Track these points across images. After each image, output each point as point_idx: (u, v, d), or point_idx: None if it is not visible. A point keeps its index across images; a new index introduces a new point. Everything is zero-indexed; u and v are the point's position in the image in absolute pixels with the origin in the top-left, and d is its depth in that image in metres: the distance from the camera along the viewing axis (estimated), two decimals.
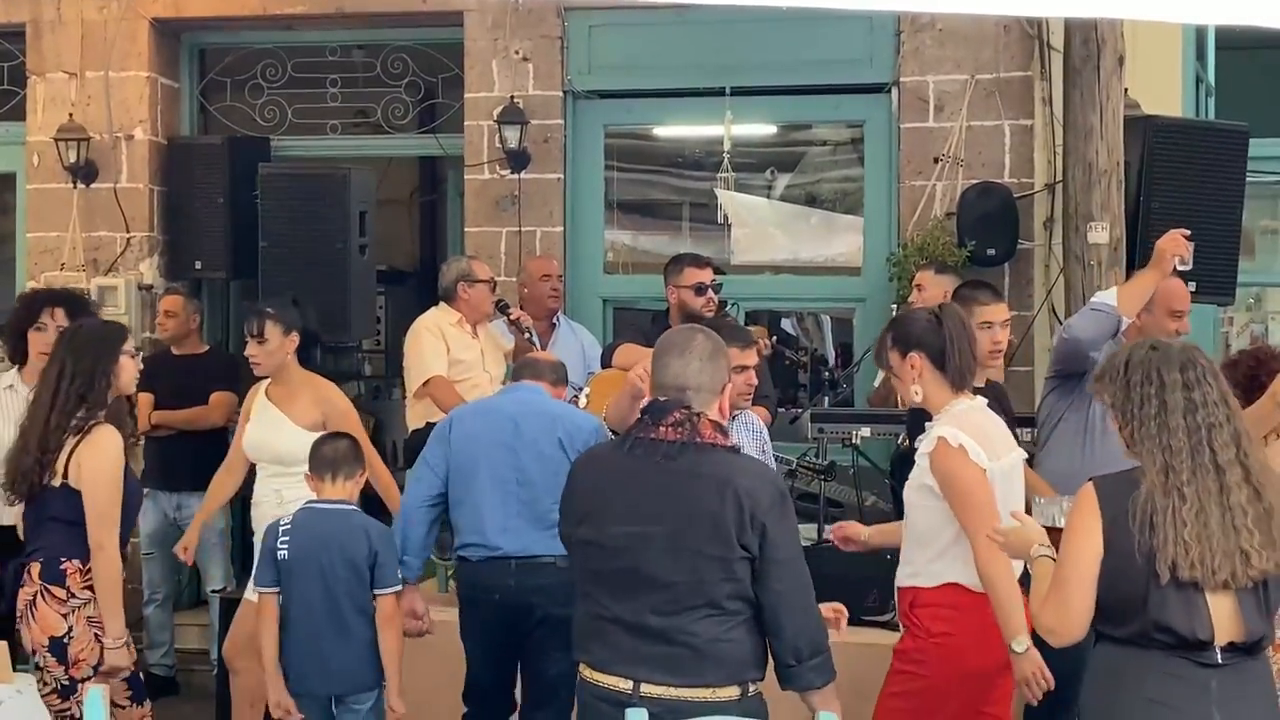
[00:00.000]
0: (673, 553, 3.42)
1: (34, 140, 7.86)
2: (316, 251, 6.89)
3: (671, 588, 3.42)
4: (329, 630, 4.63)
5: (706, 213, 7.88)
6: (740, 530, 3.39)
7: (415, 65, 7.94)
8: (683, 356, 3.55)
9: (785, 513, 3.48)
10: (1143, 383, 3.28)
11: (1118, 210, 6.30)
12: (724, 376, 3.59)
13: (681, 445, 3.45)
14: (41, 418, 4.57)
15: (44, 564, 4.52)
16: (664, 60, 7.44)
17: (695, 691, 3.42)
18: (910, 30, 7.16)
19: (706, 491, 3.42)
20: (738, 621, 3.45)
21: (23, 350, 5.66)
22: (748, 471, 3.51)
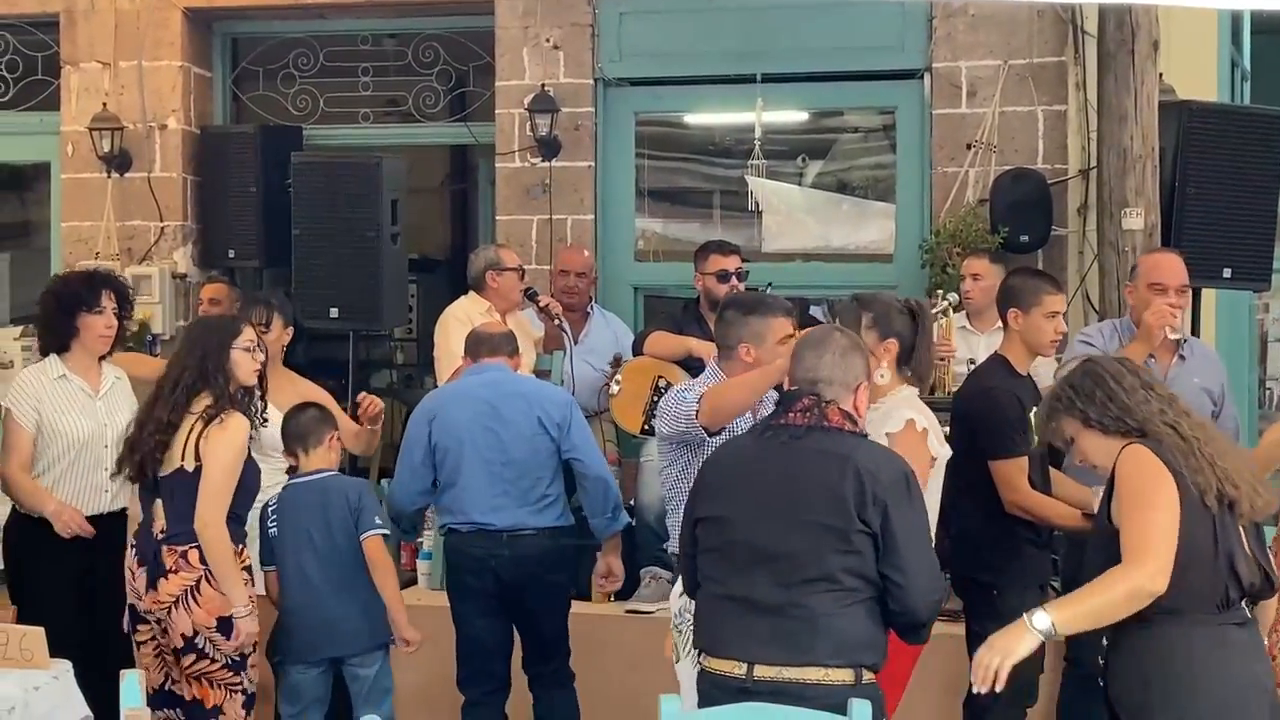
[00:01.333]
0: (791, 525, 3.49)
1: (68, 130, 7.91)
2: (348, 240, 6.91)
3: (789, 559, 3.48)
4: (329, 595, 4.88)
5: (737, 200, 7.86)
6: (860, 505, 3.45)
7: (446, 53, 7.95)
8: (817, 350, 3.71)
9: (910, 494, 3.53)
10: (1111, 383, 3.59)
11: (1152, 196, 6.27)
12: (859, 374, 3.70)
13: (808, 429, 3.59)
14: (148, 407, 4.74)
15: (201, 550, 4.60)
16: (695, 47, 7.42)
17: (806, 671, 3.43)
18: (943, 15, 7.13)
19: (827, 467, 3.51)
20: (855, 600, 3.47)
21: (65, 335, 5.28)
22: (871, 451, 3.59)
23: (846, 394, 3.67)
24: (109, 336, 5.30)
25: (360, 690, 4.95)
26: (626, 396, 6.23)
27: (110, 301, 5.28)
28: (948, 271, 6.72)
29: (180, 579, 4.60)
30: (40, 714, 3.95)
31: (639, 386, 6.22)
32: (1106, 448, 3.59)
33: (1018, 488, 4.66)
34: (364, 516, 4.93)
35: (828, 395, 3.64)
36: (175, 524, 4.65)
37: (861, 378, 3.71)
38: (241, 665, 4.65)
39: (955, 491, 4.89)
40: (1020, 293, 4.84)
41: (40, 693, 3.97)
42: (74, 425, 5.20)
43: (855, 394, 3.69)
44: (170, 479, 4.66)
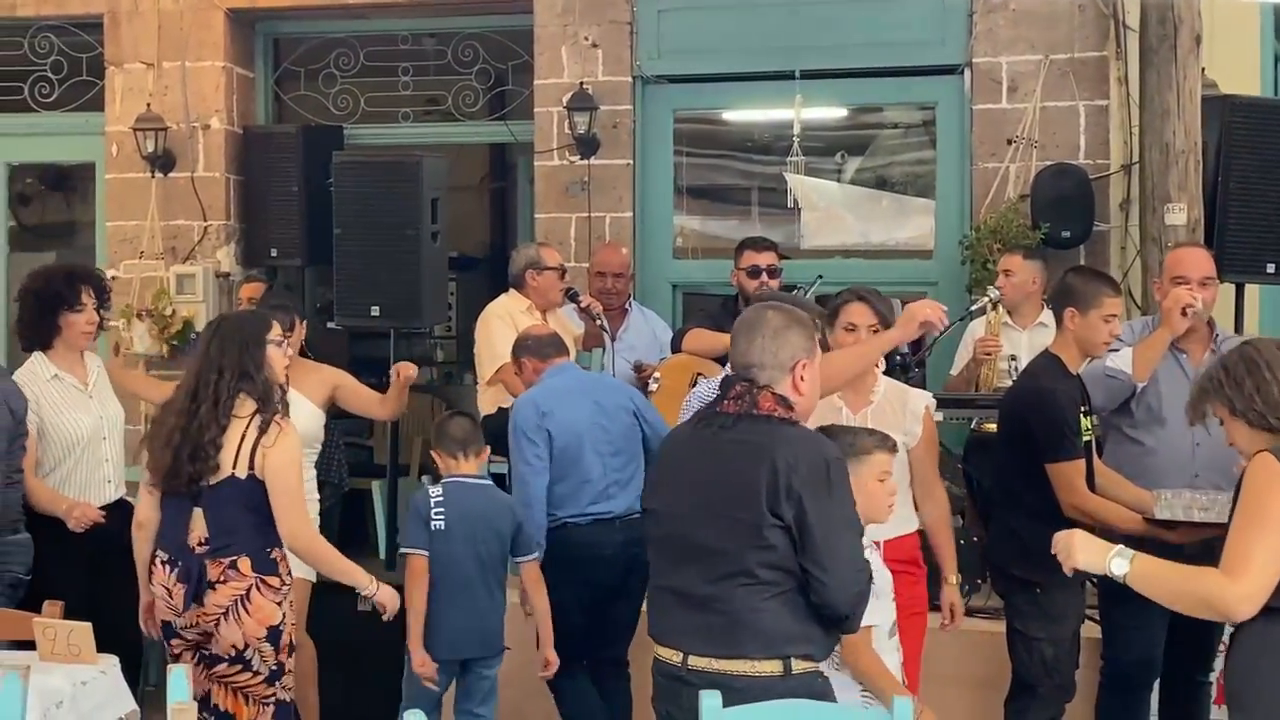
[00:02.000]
0: (712, 519, 3.44)
1: (113, 130, 7.99)
2: (389, 238, 6.93)
3: (711, 554, 3.44)
4: (483, 596, 4.99)
5: (776, 197, 7.86)
6: (773, 497, 3.36)
7: (485, 52, 7.98)
8: (748, 335, 3.59)
9: (830, 484, 3.41)
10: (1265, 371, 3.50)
11: (1195, 191, 6.23)
12: (795, 353, 3.54)
13: (737, 417, 3.49)
14: (186, 408, 4.39)
15: (254, 558, 4.39)
16: (733, 44, 7.42)
17: (735, 664, 3.41)
18: (983, 10, 7.10)
19: (747, 459, 3.42)
20: (776, 593, 3.41)
21: (48, 334, 5.32)
22: (793, 440, 3.45)
23: (782, 376, 3.53)
24: (90, 332, 5.38)
25: (482, 689, 5.10)
26: (666, 393, 6.23)
27: (90, 298, 5.35)
28: (988, 268, 6.69)
29: (229, 589, 4.37)
30: (88, 708, 4.00)
31: (678, 383, 6.22)
32: (1252, 439, 3.51)
33: (1076, 489, 4.63)
34: (525, 539, 5.09)
35: (761, 380, 3.51)
36: (221, 535, 4.39)
37: (800, 356, 3.54)
38: (279, 675, 4.48)
39: (1001, 490, 4.89)
40: (1079, 293, 4.78)
41: (88, 687, 4.02)
42: (74, 423, 5.26)
43: (793, 374, 3.54)
44: (217, 488, 4.38)
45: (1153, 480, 4.86)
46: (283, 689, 4.49)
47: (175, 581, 4.38)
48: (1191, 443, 4.87)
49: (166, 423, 4.43)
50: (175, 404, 4.46)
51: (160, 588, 4.43)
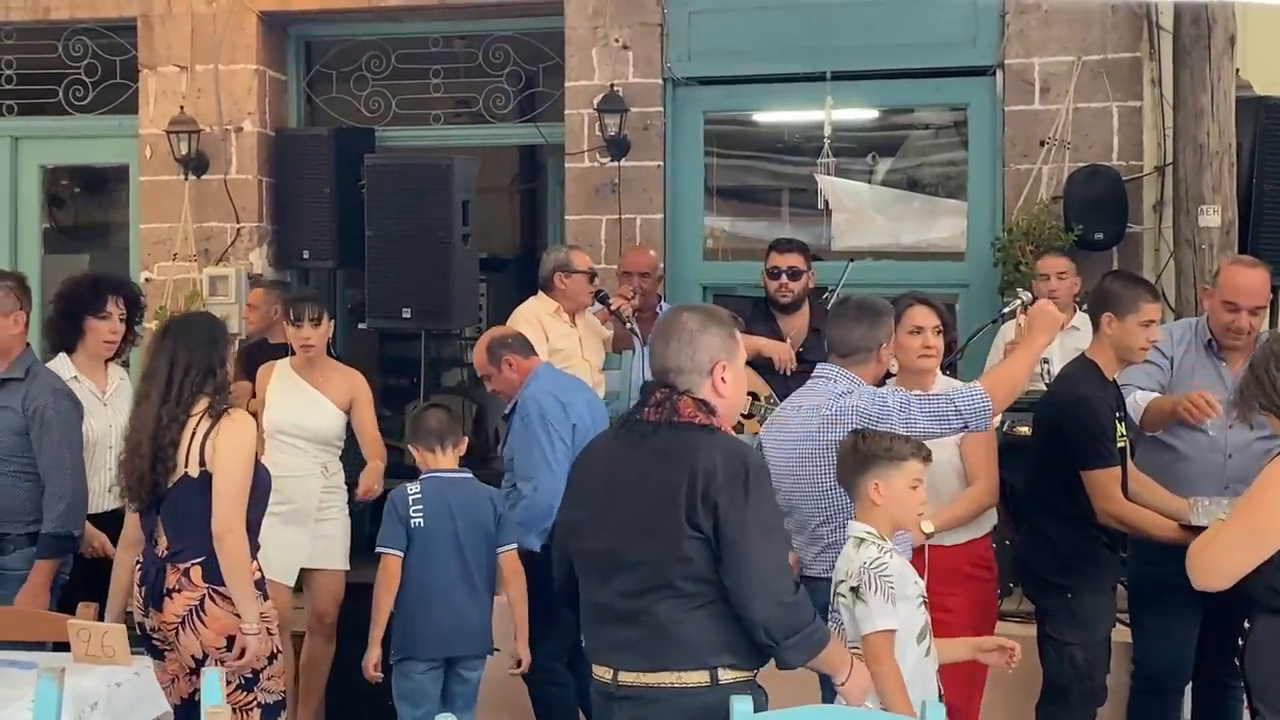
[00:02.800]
0: (634, 533, 3.36)
1: (146, 133, 8.04)
2: (420, 240, 6.96)
3: (635, 569, 3.36)
4: (465, 594, 4.92)
5: (807, 198, 7.84)
6: (690, 508, 3.28)
7: (516, 54, 7.99)
8: (664, 339, 3.50)
9: (747, 491, 3.30)
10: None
11: (1229, 192, 6.20)
12: (714, 354, 3.44)
13: (657, 425, 3.40)
14: (152, 415, 4.31)
15: (204, 566, 4.30)
16: (764, 45, 7.41)
17: (661, 677, 3.33)
18: (1015, 11, 7.08)
19: (667, 469, 3.34)
20: (700, 604, 3.33)
21: (71, 337, 5.35)
22: (712, 448, 3.34)
23: (701, 379, 3.42)
24: (113, 342, 5.36)
25: (464, 692, 5.01)
26: None
27: (117, 308, 5.33)
28: (1020, 270, 6.67)
29: (184, 599, 4.30)
30: (122, 710, 4.01)
31: None
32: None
33: (1112, 497, 4.59)
34: (507, 527, 5.02)
35: (681, 385, 3.42)
36: (179, 539, 4.32)
37: (719, 357, 3.44)
38: (254, 682, 4.38)
39: (1033, 494, 4.86)
40: (1118, 298, 4.69)
41: (122, 689, 4.02)
42: (88, 425, 5.19)
43: (712, 376, 3.43)
44: (172, 491, 4.30)
45: (1184, 486, 4.81)
46: (263, 692, 4.41)
47: (138, 586, 4.40)
48: (1224, 451, 4.83)
49: (136, 437, 4.35)
50: (142, 418, 4.36)
51: (136, 591, 4.43)
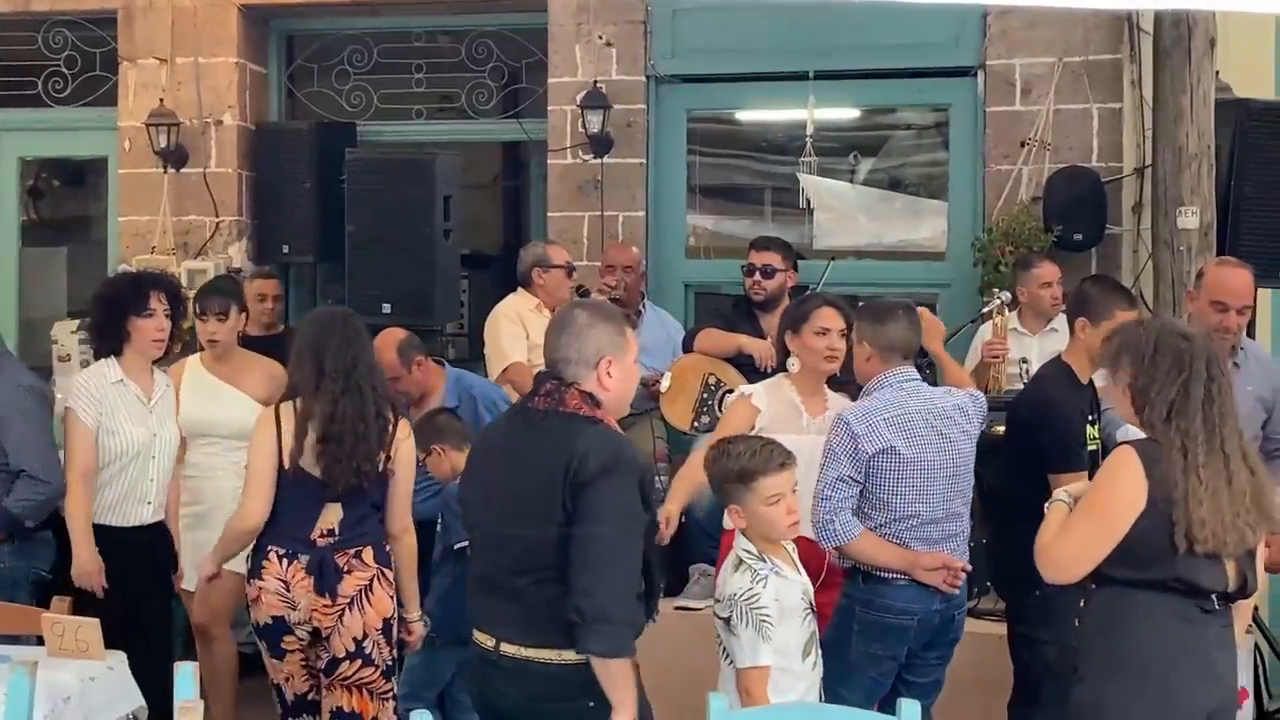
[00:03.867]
0: (515, 515, 3.52)
1: (125, 125, 8.01)
2: (402, 236, 6.95)
3: (515, 549, 3.52)
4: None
5: (789, 197, 7.84)
6: (564, 495, 3.43)
7: (499, 50, 7.99)
8: (555, 331, 3.65)
9: (610, 480, 3.43)
10: (1170, 370, 3.57)
11: (1208, 194, 6.20)
12: (600, 349, 3.58)
13: (544, 414, 3.56)
14: (359, 414, 4.49)
15: (375, 548, 4.56)
16: (747, 44, 7.42)
17: (541, 652, 3.48)
18: (997, 12, 7.09)
19: (547, 456, 3.48)
20: None
21: (116, 340, 5.11)
22: (587, 438, 3.48)
23: (588, 372, 3.57)
24: (161, 340, 5.12)
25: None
26: (677, 393, 6.23)
27: (160, 303, 5.09)
28: (1000, 270, 6.68)
29: (355, 579, 4.50)
30: (96, 704, 4.01)
31: (690, 383, 6.22)
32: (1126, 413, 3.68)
33: None
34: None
35: (569, 376, 3.58)
36: (350, 528, 4.54)
37: (605, 352, 3.58)
38: (394, 670, 4.62)
39: (1004, 492, 4.88)
40: (1094, 304, 4.76)
41: (96, 683, 4.02)
42: (129, 433, 5.05)
43: (598, 370, 3.57)
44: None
45: None
46: (396, 684, 4.65)
47: (303, 574, 4.47)
48: None
49: (354, 428, 4.48)
50: (354, 409, 4.49)
51: (275, 580, 4.50)
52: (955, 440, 4.47)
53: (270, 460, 4.52)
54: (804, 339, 4.84)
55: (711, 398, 6.18)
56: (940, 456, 4.44)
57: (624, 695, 3.43)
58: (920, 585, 4.40)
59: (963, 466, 4.49)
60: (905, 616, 4.42)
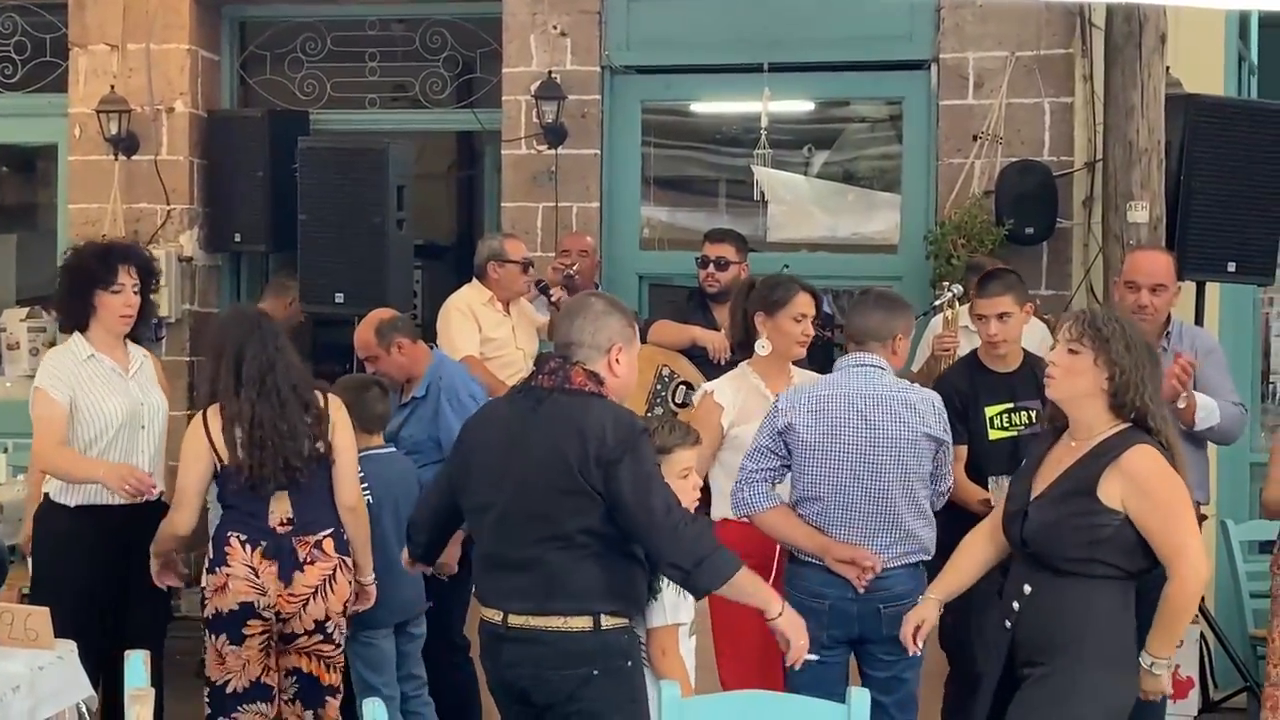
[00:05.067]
0: (529, 488, 3.64)
1: (76, 112, 7.92)
2: (355, 225, 6.91)
3: (529, 522, 3.65)
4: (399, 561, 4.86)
5: (743, 189, 7.87)
6: (584, 468, 3.56)
7: (453, 39, 7.96)
8: (569, 315, 3.82)
9: (637, 451, 3.61)
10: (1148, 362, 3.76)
11: (1158, 189, 6.27)
12: (612, 337, 3.74)
13: (551, 391, 3.69)
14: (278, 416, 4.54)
15: (335, 537, 4.64)
16: (702, 36, 7.43)
17: (549, 620, 3.63)
18: (950, 6, 7.13)
19: (560, 431, 3.62)
20: (588, 554, 3.62)
21: (82, 315, 4.92)
22: (602, 413, 3.64)
23: (598, 355, 3.72)
24: (130, 316, 4.94)
25: (414, 650, 5.28)
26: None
27: (130, 278, 4.91)
28: (952, 263, 6.72)
29: (319, 570, 4.59)
30: (46, 693, 3.97)
31: (643, 375, 6.21)
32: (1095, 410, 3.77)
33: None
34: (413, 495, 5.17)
35: (576, 357, 3.72)
36: (305, 513, 4.61)
37: (616, 340, 3.74)
38: (344, 643, 4.78)
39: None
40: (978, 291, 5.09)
41: (45, 672, 3.99)
42: (109, 406, 4.86)
43: (609, 355, 3.73)
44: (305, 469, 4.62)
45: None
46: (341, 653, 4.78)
47: (262, 560, 4.53)
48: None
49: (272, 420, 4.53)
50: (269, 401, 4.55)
51: (242, 566, 4.53)
52: (881, 427, 4.39)
53: (201, 471, 4.59)
54: (779, 323, 4.89)
55: (665, 389, 6.20)
56: (857, 441, 4.39)
57: (764, 595, 3.73)
58: (832, 571, 4.40)
59: (889, 457, 4.39)
60: (816, 600, 4.41)
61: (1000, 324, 5.00)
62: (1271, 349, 7.65)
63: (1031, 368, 5.01)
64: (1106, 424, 3.79)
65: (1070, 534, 3.75)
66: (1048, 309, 6.82)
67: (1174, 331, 5.27)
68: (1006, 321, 5.00)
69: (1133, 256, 5.46)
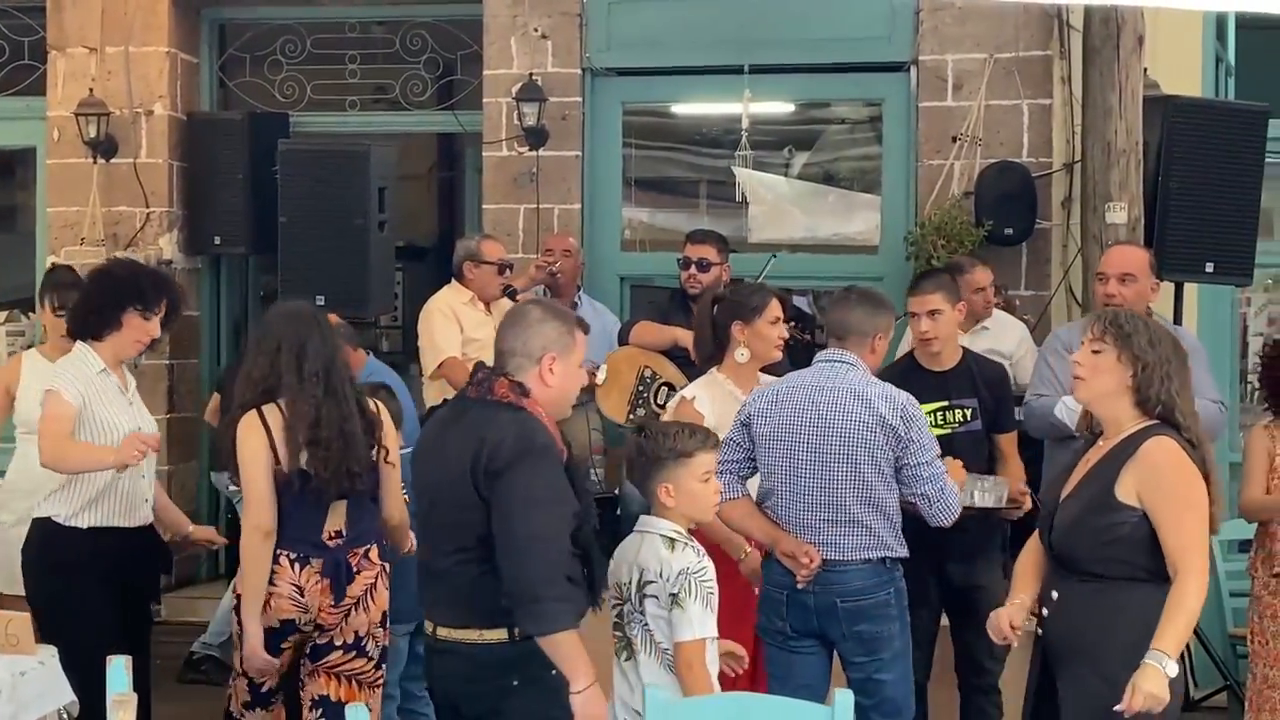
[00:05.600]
0: (441, 499, 3.65)
1: (54, 115, 7.89)
2: (336, 227, 6.91)
3: (443, 531, 3.66)
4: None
5: (724, 190, 7.89)
6: (476, 477, 3.53)
7: (434, 41, 7.96)
8: (505, 324, 3.79)
9: (524, 466, 3.51)
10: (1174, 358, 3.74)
11: (1136, 190, 6.29)
12: (545, 345, 3.68)
13: (473, 401, 3.69)
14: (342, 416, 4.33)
15: (379, 545, 4.50)
16: (683, 38, 7.44)
17: (466, 633, 3.60)
18: (929, 8, 7.16)
19: (468, 439, 3.59)
20: (494, 566, 3.54)
21: (102, 326, 4.77)
22: (503, 424, 3.58)
23: (529, 365, 3.67)
24: (145, 343, 4.87)
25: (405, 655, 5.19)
26: (612, 386, 6.26)
27: (163, 309, 4.82)
28: (932, 264, 6.74)
29: (364, 579, 4.42)
30: (27, 699, 3.96)
31: (625, 376, 6.25)
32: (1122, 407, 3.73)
33: None
34: None
35: (507, 366, 3.68)
36: (354, 525, 4.43)
37: (550, 349, 3.67)
38: (384, 659, 4.57)
39: None
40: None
41: (27, 678, 3.98)
42: (118, 422, 4.74)
43: (540, 365, 3.67)
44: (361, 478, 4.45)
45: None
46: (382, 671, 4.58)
47: (314, 578, 4.33)
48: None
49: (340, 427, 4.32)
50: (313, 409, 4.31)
51: (288, 585, 4.32)
52: (831, 420, 4.40)
53: (264, 465, 4.31)
54: (758, 329, 4.96)
55: (646, 390, 6.21)
56: (808, 434, 4.41)
57: (575, 666, 3.50)
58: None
59: (837, 448, 4.39)
60: (777, 590, 4.47)
61: (931, 321, 5.03)
62: (1249, 349, 7.70)
63: (969, 366, 5.09)
64: (1133, 420, 3.74)
65: (1088, 534, 3.70)
66: (1027, 309, 6.86)
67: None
68: (937, 319, 5.03)
69: (1107, 250, 5.56)
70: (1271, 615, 5.26)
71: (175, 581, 7.81)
